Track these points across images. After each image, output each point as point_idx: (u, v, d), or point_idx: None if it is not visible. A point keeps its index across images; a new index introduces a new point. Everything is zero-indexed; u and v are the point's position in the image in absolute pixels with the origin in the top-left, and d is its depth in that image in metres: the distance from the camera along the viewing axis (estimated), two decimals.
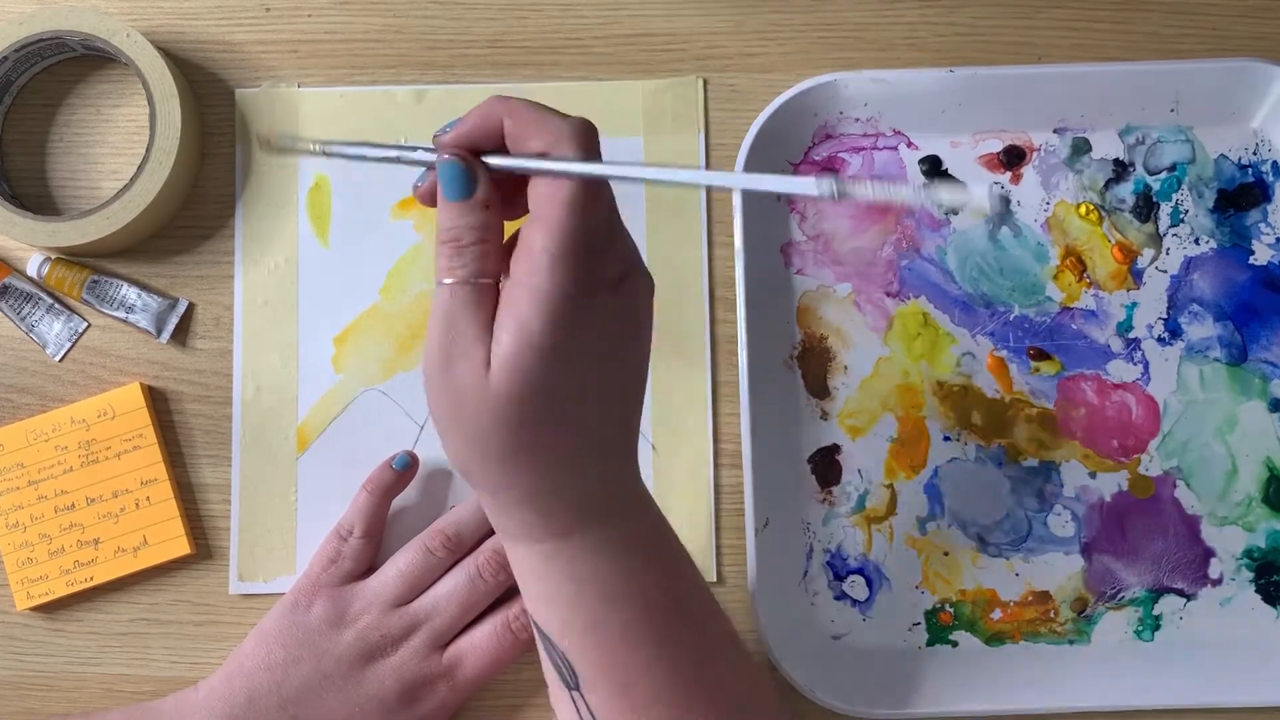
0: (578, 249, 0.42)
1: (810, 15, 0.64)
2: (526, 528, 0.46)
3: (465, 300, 0.43)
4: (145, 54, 0.60)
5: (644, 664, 0.46)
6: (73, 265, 0.62)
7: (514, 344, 0.42)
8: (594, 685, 0.46)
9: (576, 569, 0.46)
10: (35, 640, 0.61)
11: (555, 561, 0.46)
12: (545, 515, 0.45)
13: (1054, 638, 0.61)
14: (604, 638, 0.46)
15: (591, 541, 0.46)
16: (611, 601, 0.46)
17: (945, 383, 0.62)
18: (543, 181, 0.42)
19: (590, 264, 0.42)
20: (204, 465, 0.61)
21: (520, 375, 0.42)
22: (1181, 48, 0.64)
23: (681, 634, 0.47)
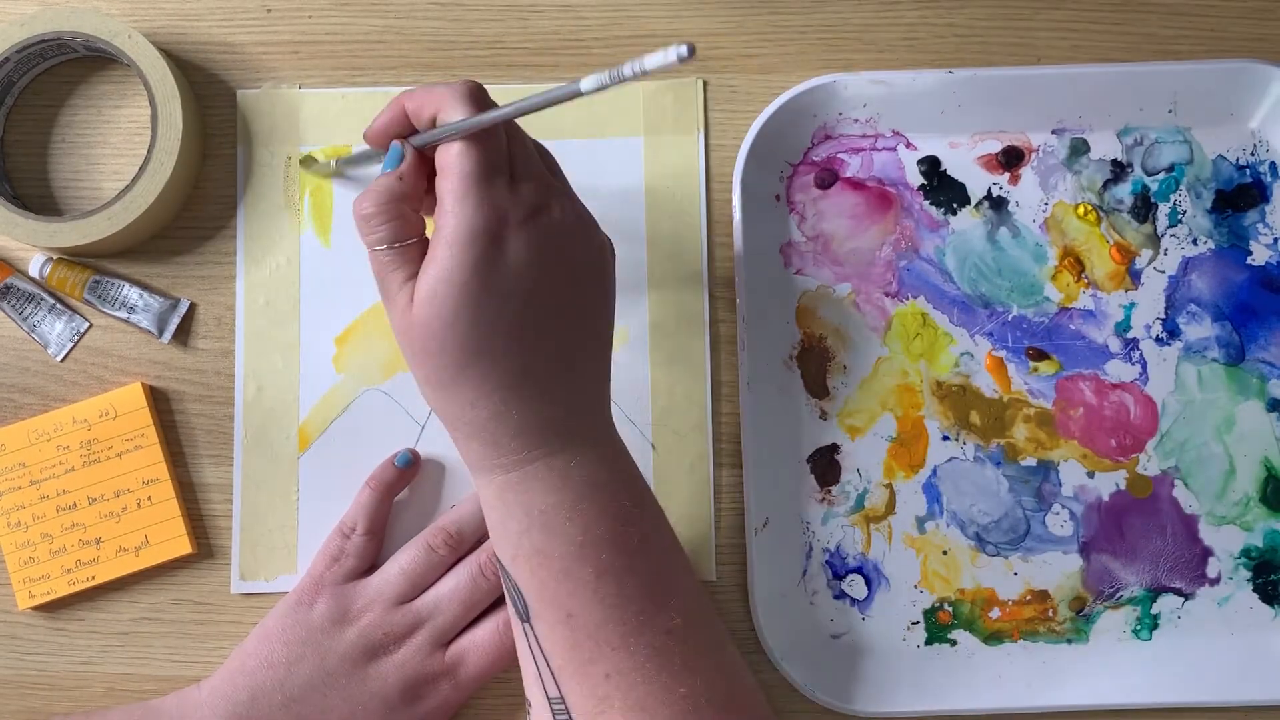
0: (475, 187, 0.46)
1: (809, 17, 0.64)
2: (480, 458, 0.50)
3: (385, 261, 0.49)
4: (147, 55, 0.60)
5: (585, 595, 0.48)
6: (74, 266, 0.62)
7: (427, 281, 0.47)
8: (540, 615, 0.49)
9: (524, 499, 0.49)
10: (37, 639, 0.61)
11: (507, 493, 0.49)
12: (492, 444, 0.49)
13: (1052, 637, 0.61)
14: (548, 568, 0.48)
15: (537, 471, 0.49)
16: (553, 532, 0.48)
17: (944, 382, 0.62)
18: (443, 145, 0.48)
19: (491, 197, 0.47)
20: (205, 465, 0.62)
21: (436, 308, 0.47)
22: (1179, 49, 0.64)
23: (624, 569, 0.49)
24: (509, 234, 0.47)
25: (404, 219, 0.49)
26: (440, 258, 0.47)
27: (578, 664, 0.48)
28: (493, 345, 0.47)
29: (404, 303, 0.48)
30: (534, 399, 0.48)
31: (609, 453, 0.51)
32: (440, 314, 0.47)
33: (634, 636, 0.48)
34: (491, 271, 0.46)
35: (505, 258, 0.47)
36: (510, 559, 0.49)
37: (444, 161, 0.47)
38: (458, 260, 0.46)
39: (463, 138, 0.47)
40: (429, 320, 0.47)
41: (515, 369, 0.48)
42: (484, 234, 0.46)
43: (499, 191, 0.47)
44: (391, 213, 0.49)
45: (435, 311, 0.47)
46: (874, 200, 0.63)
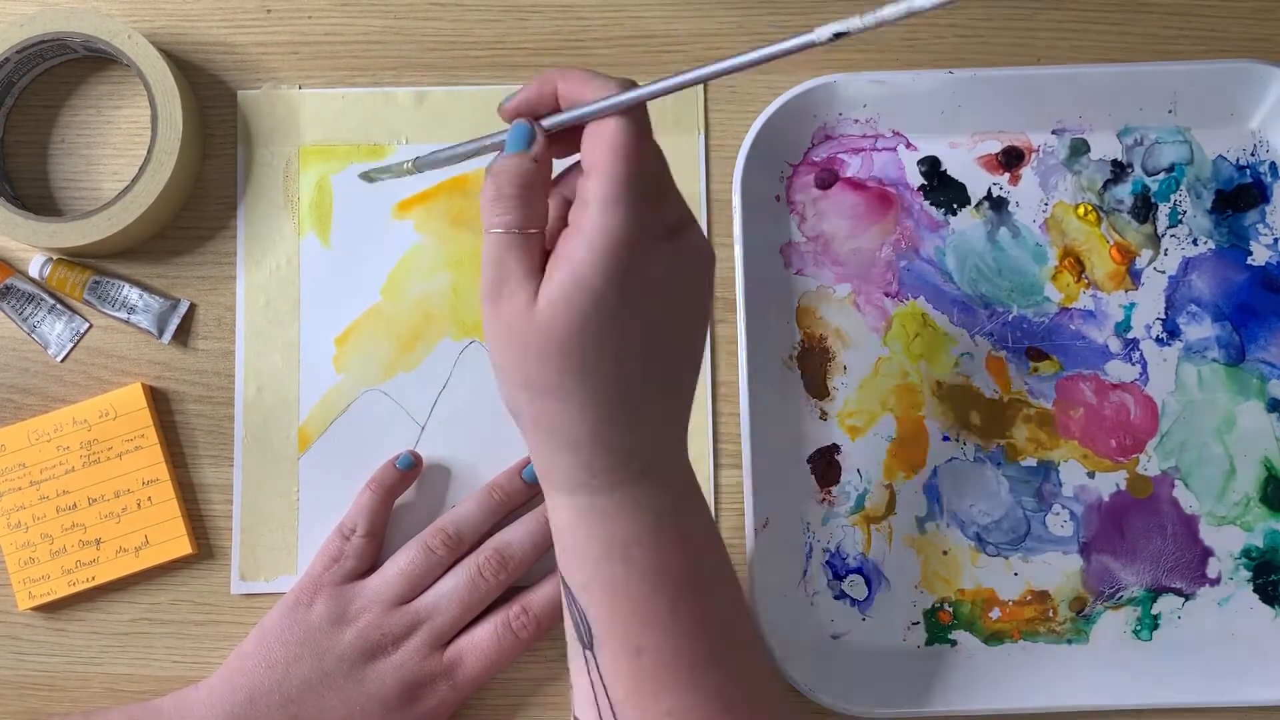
0: (627, 193, 0.43)
1: (809, 17, 0.64)
2: (566, 477, 0.47)
3: (509, 245, 0.45)
4: (147, 55, 0.60)
5: (657, 632, 0.46)
6: (74, 266, 0.62)
7: (563, 281, 0.43)
8: (606, 645, 0.47)
9: (605, 528, 0.46)
10: (37, 640, 0.61)
11: (587, 517, 0.47)
12: (584, 464, 0.46)
13: (1053, 637, 0.61)
14: (621, 600, 0.46)
15: (623, 500, 0.46)
16: (633, 565, 0.46)
17: (944, 383, 0.62)
18: (593, 133, 0.44)
19: (641, 210, 0.44)
20: (205, 465, 0.62)
21: (566, 312, 0.43)
22: (1179, 49, 0.64)
23: (697, 608, 0.47)
24: (650, 249, 0.44)
25: (534, 205, 0.46)
26: (580, 259, 0.43)
27: (640, 698, 0.47)
28: (611, 359, 0.45)
29: (524, 297, 0.44)
30: (635, 422, 0.46)
31: (689, 484, 0.49)
32: (569, 317, 0.43)
33: (699, 676, 0.47)
34: (628, 284, 0.44)
35: (645, 273, 0.44)
36: (581, 586, 0.47)
37: (594, 159, 0.44)
38: (599, 267, 0.43)
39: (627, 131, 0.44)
40: (554, 321, 0.44)
41: (625, 389, 0.45)
42: (630, 245, 0.43)
43: (649, 204, 0.44)
44: (524, 196, 0.45)
45: (564, 312, 0.43)
46: (874, 200, 0.63)
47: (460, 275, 0.62)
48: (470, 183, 0.63)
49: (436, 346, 0.62)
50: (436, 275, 0.63)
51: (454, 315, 0.62)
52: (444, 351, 0.62)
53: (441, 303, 0.62)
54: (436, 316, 0.62)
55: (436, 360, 0.62)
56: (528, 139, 0.46)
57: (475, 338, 0.62)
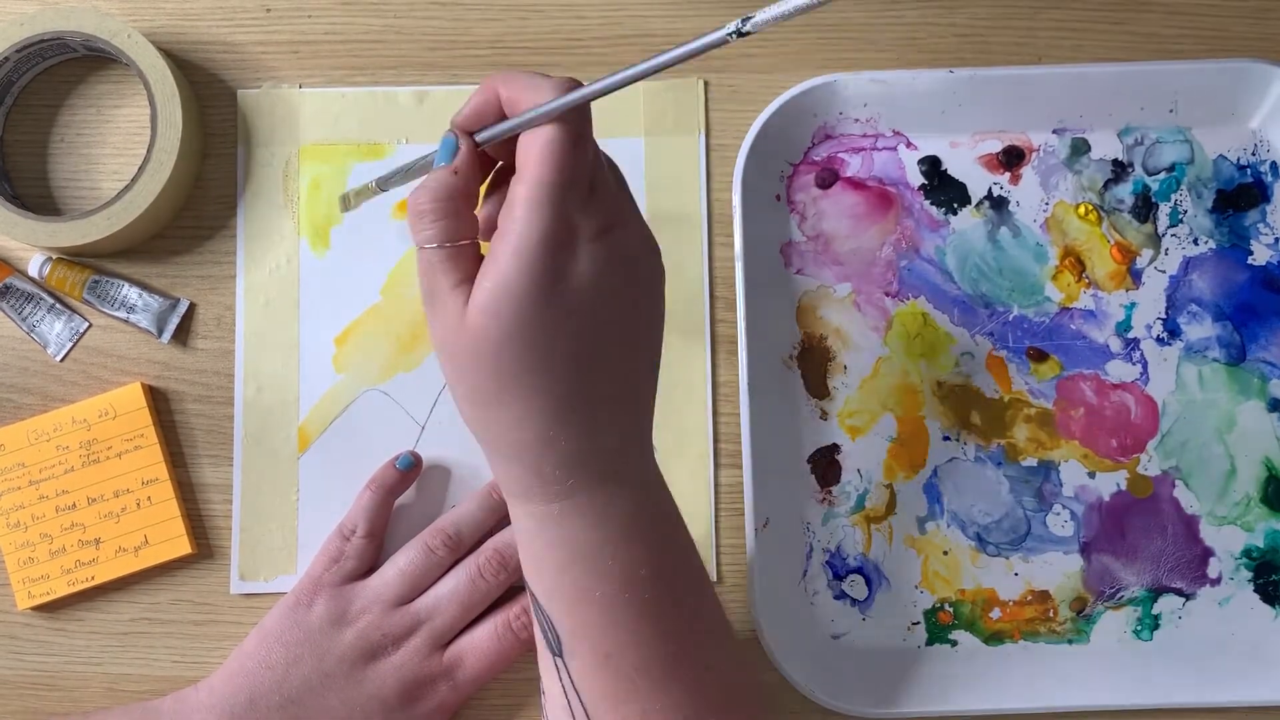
0: (551, 194, 0.43)
1: (809, 17, 0.64)
2: (521, 485, 0.46)
3: (436, 261, 0.45)
4: (146, 55, 0.60)
5: (625, 637, 0.46)
6: (74, 265, 0.62)
7: (489, 287, 0.43)
8: (574, 653, 0.47)
9: (566, 535, 0.46)
10: (36, 640, 0.61)
11: (547, 525, 0.46)
12: (535, 470, 0.46)
13: (1053, 637, 0.61)
14: (587, 607, 0.46)
15: (582, 505, 0.46)
16: (596, 572, 0.46)
17: (944, 382, 0.62)
18: (526, 138, 0.44)
19: (564, 211, 0.43)
20: (205, 465, 0.62)
21: (494, 318, 0.43)
22: (1180, 48, 0.64)
23: (666, 611, 0.47)
24: (578, 249, 0.44)
25: (458, 217, 0.45)
26: (504, 265, 0.43)
27: (614, 703, 0.47)
28: (548, 363, 0.44)
29: (454, 309, 0.44)
30: (584, 425, 0.45)
31: (653, 488, 0.49)
32: (498, 324, 0.43)
33: (671, 677, 0.47)
34: (555, 285, 0.43)
35: (571, 273, 0.44)
36: (546, 594, 0.47)
37: (524, 162, 0.44)
38: (522, 269, 0.43)
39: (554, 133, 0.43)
40: (484, 330, 0.43)
41: (568, 391, 0.45)
42: (553, 246, 0.43)
43: (574, 204, 0.44)
44: (446, 209, 0.45)
45: (492, 321, 0.43)
46: (874, 200, 0.63)
47: None
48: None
49: None
50: None
51: None
52: None
53: None
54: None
55: (436, 360, 0.62)
56: (451, 152, 0.46)
57: None
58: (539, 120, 0.44)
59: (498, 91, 0.46)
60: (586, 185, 0.44)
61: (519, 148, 0.44)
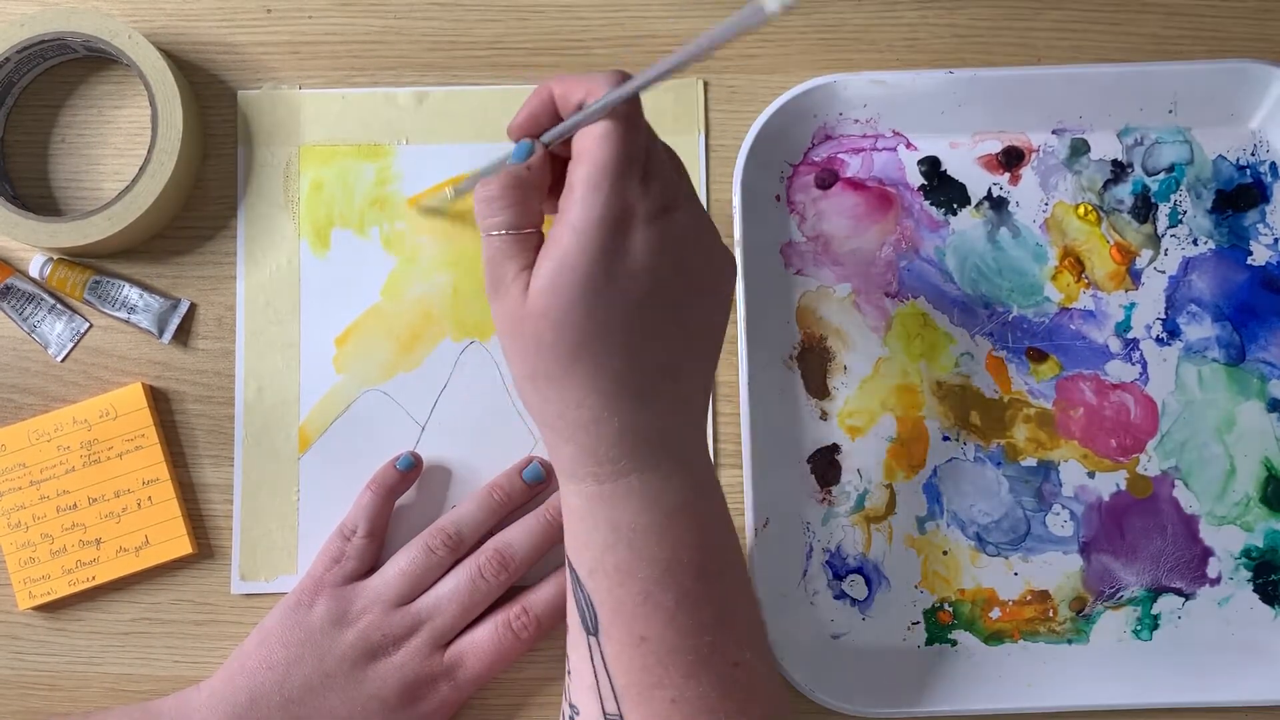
0: (609, 177, 0.45)
1: (809, 17, 0.64)
2: (573, 464, 0.48)
3: (501, 247, 0.47)
4: (147, 55, 0.60)
5: (662, 621, 0.47)
6: (75, 266, 0.62)
7: (549, 267, 0.45)
8: (610, 634, 0.48)
9: (613, 514, 0.47)
10: (37, 640, 0.61)
11: (596, 504, 0.47)
12: (590, 451, 0.47)
13: (1053, 637, 0.61)
14: (628, 588, 0.47)
15: (633, 487, 0.47)
16: (640, 553, 0.47)
17: (944, 383, 0.62)
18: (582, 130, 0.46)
19: (622, 190, 0.45)
20: (205, 465, 0.62)
21: (555, 296, 0.45)
22: (1180, 49, 0.64)
23: (704, 600, 0.48)
24: (635, 229, 0.45)
25: (526, 206, 0.47)
26: (564, 243, 0.45)
27: (643, 686, 0.47)
28: (604, 341, 0.46)
29: (517, 292, 0.46)
30: (638, 405, 0.47)
31: (703, 474, 0.49)
32: (558, 301, 0.45)
33: (703, 666, 0.47)
34: (614, 264, 0.45)
35: (628, 252, 0.45)
36: (588, 572, 0.48)
37: (581, 147, 0.46)
38: (582, 247, 0.45)
39: (606, 121, 0.45)
40: (546, 308, 0.45)
41: (622, 369, 0.46)
42: (611, 225, 0.45)
43: (632, 185, 0.45)
44: (514, 198, 0.47)
45: (553, 299, 0.45)
46: (874, 200, 0.63)
47: (460, 275, 0.62)
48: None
49: (437, 347, 0.62)
50: (436, 275, 0.63)
51: (454, 315, 0.62)
52: (444, 352, 0.62)
53: (441, 303, 0.62)
54: (436, 317, 0.62)
55: (436, 360, 0.62)
56: (526, 154, 0.48)
57: (475, 338, 0.62)
58: (597, 114, 0.45)
59: (552, 91, 0.48)
60: (641, 168, 0.46)
61: (576, 138, 0.46)
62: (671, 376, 0.48)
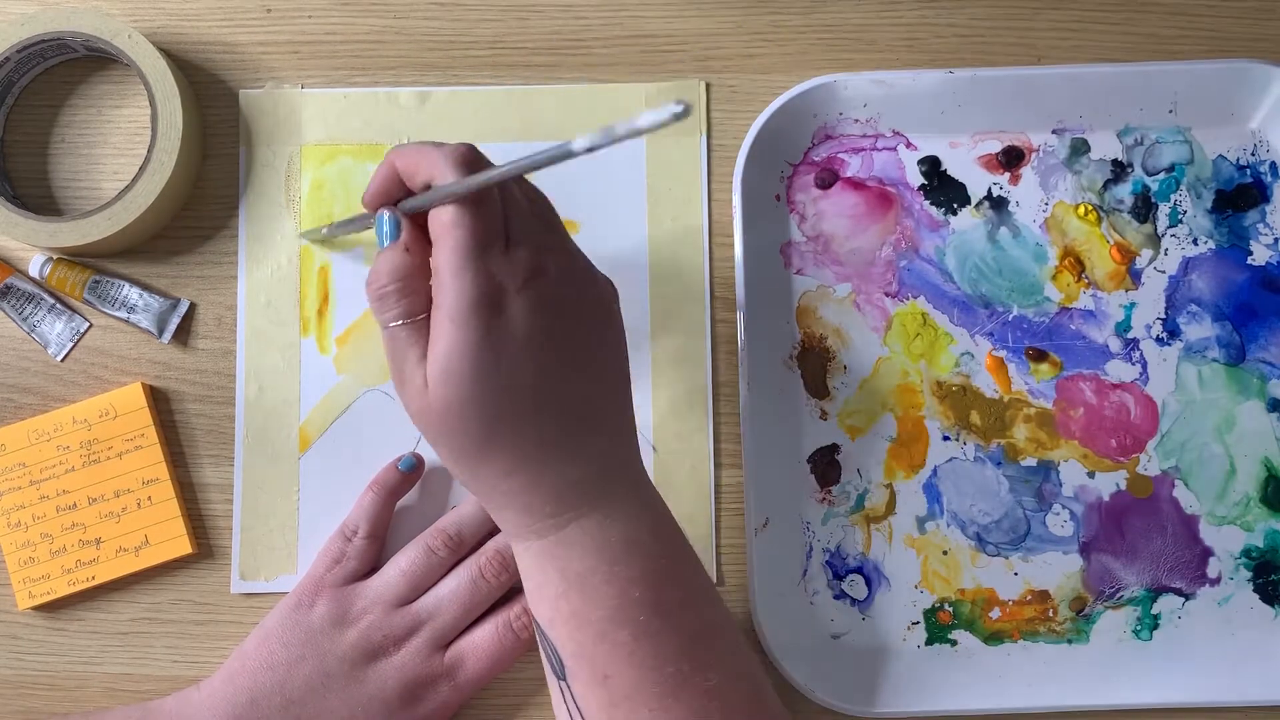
0: (470, 259, 0.45)
1: (809, 17, 0.64)
2: (516, 526, 0.49)
3: (400, 338, 0.47)
4: (147, 55, 0.60)
5: (622, 657, 0.47)
6: (74, 266, 0.62)
7: (438, 360, 0.46)
8: (576, 675, 0.48)
9: (561, 564, 0.48)
10: (37, 639, 0.61)
11: (544, 558, 0.48)
12: (526, 511, 0.48)
13: (1053, 637, 0.61)
14: (585, 630, 0.47)
15: (572, 534, 0.48)
16: (591, 595, 0.47)
17: (944, 382, 0.62)
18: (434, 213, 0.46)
19: (486, 270, 0.45)
20: (205, 465, 0.62)
21: (451, 387, 0.46)
22: (1180, 49, 0.64)
23: (663, 629, 0.48)
24: (509, 302, 0.46)
25: (417, 293, 0.47)
26: (446, 333, 0.45)
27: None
28: (514, 415, 0.46)
29: (419, 383, 0.47)
30: (564, 461, 0.47)
31: (646, 507, 0.50)
32: (456, 392, 0.45)
33: (671, 697, 0.47)
34: (498, 341, 0.45)
35: (510, 325, 0.45)
36: (547, 621, 0.49)
37: (437, 232, 0.46)
38: (462, 335, 0.45)
39: (456, 204, 0.45)
40: (446, 400, 0.46)
41: (540, 435, 0.47)
42: (484, 305, 0.45)
43: (494, 260, 0.45)
44: (406, 287, 0.47)
45: (451, 389, 0.45)
46: (874, 200, 0.63)
47: None
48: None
49: None
50: None
51: None
52: None
53: None
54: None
55: None
56: (395, 230, 0.48)
57: None
58: (444, 199, 0.45)
59: (394, 165, 0.48)
60: (502, 239, 0.46)
61: (431, 218, 0.46)
62: (591, 421, 0.48)
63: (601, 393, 0.49)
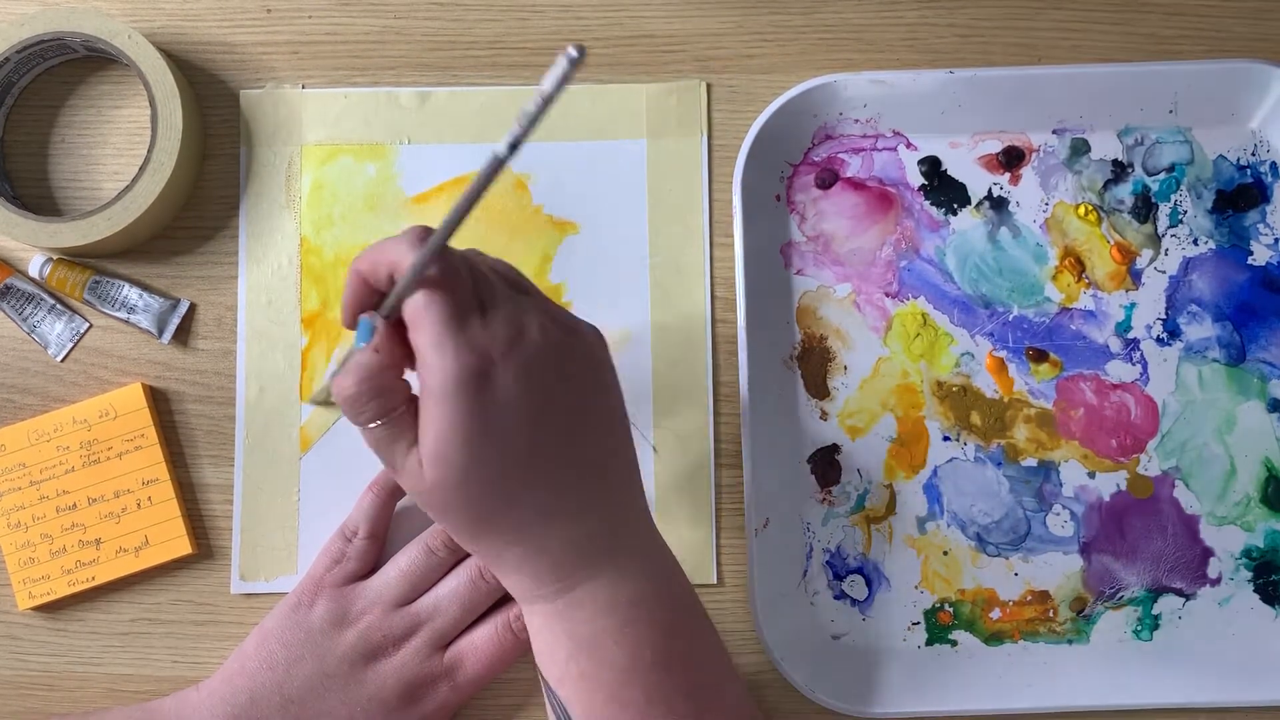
0: (449, 334, 0.44)
1: (810, 17, 0.64)
2: (523, 591, 0.49)
3: (381, 436, 0.46)
4: (147, 55, 0.60)
5: (632, 716, 0.47)
6: (74, 266, 0.62)
7: (429, 443, 0.45)
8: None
9: (570, 626, 0.48)
10: (37, 640, 0.61)
11: (552, 620, 0.48)
12: (533, 577, 0.48)
13: (1053, 637, 0.61)
14: (595, 692, 0.47)
15: (579, 597, 0.48)
16: (601, 658, 0.47)
17: (944, 383, 0.62)
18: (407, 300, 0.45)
19: (468, 343, 0.44)
20: (205, 465, 0.62)
21: (445, 468, 0.45)
22: (1180, 49, 0.64)
23: (673, 690, 0.48)
24: (494, 371, 0.44)
25: (388, 391, 0.46)
26: (435, 415, 0.44)
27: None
28: (513, 486, 0.46)
29: (414, 468, 0.46)
30: (569, 525, 0.47)
31: (653, 562, 0.50)
32: (451, 472, 0.45)
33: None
34: (487, 414, 0.44)
35: (498, 396, 0.44)
36: (557, 681, 0.48)
37: (412, 314, 0.45)
38: (450, 412, 0.44)
39: (424, 286, 0.44)
40: (442, 480, 0.45)
41: (539, 504, 0.46)
42: (470, 378, 0.44)
43: (474, 331, 0.44)
44: (375, 388, 0.46)
45: (445, 471, 0.45)
46: (874, 200, 0.63)
47: None
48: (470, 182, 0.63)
49: None
50: None
51: None
52: None
53: None
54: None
55: None
56: (369, 333, 0.47)
57: None
58: (413, 283, 0.44)
59: (359, 272, 0.47)
60: (476, 307, 0.45)
61: (405, 311, 0.45)
62: (592, 482, 0.48)
63: (600, 451, 0.48)
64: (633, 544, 0.49)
